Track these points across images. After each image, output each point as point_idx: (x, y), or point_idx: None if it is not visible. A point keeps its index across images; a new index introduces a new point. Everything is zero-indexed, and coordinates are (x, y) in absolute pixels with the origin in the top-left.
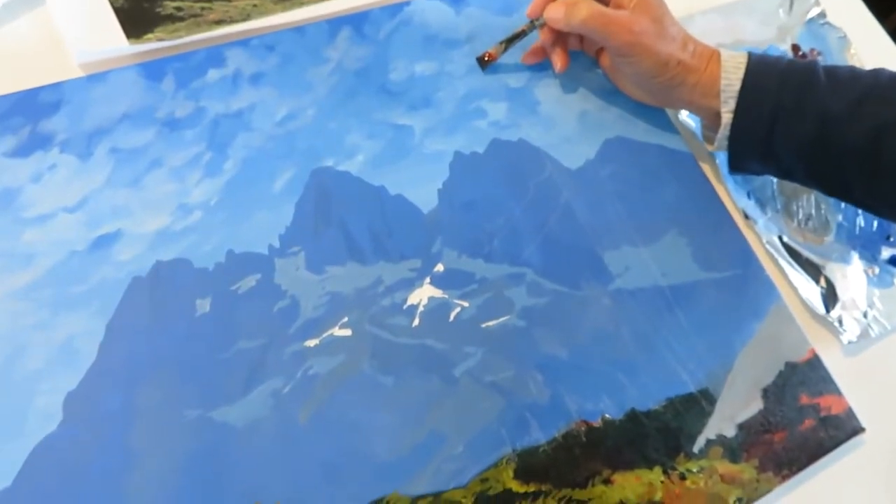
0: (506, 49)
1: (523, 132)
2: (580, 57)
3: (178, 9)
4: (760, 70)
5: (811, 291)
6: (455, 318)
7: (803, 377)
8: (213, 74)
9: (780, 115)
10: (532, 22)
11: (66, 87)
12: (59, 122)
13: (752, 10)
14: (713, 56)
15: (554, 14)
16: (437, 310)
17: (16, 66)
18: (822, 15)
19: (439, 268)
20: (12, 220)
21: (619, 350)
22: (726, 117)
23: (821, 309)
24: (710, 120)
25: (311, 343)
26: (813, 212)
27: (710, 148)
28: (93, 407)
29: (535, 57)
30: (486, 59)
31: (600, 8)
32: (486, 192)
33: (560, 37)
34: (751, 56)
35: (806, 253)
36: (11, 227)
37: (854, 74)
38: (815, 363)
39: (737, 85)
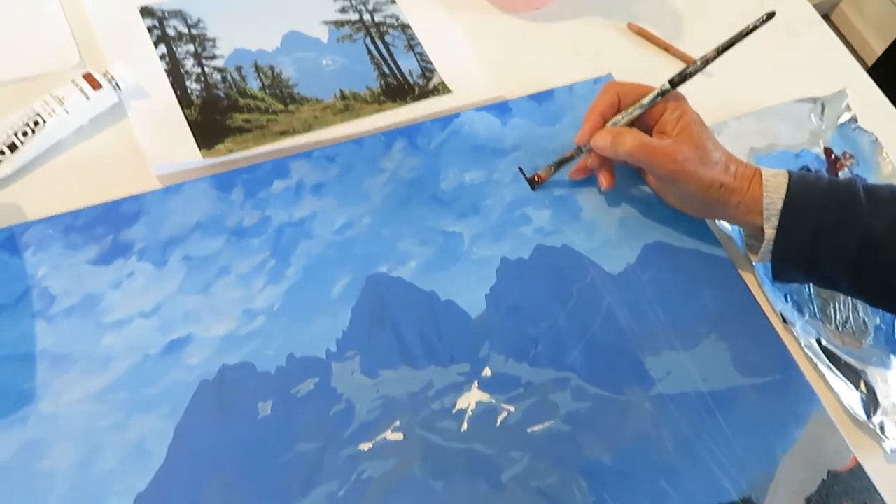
0: (555, 171)
1: (566, 238)
2: (621, 166)
3: (247, 121)
4: (801, 191)
5: (851, 397)
6: (502, 422)
7: (846, 486)
8: (278, 185)
9: (823, 233)
10: (580, 148)
11: (146, 199)
12: (138, 232)
13: (784, 115)
14: (755, 176)
15: (601, 143)
16: (484, 414)
17: (100, 175)
18: (854, 119)
19: (487, 372)
20: (94, 325)
21: (661, 456)
22: (769, 233)
23: (862, 415)
24: (754, 232)
25: (365, 447)
26: (850, 314)
27: (754, 259)
28: None
29: (581, 174)
30: (537, 179)
31: (645, 138)
32: (531, 298)
33: (606, 159)
34: (791, 175)
35: (845, 357)
36: (93, 332)
37: (894, 193)
38: (857, 472)
39: (779, 203)
